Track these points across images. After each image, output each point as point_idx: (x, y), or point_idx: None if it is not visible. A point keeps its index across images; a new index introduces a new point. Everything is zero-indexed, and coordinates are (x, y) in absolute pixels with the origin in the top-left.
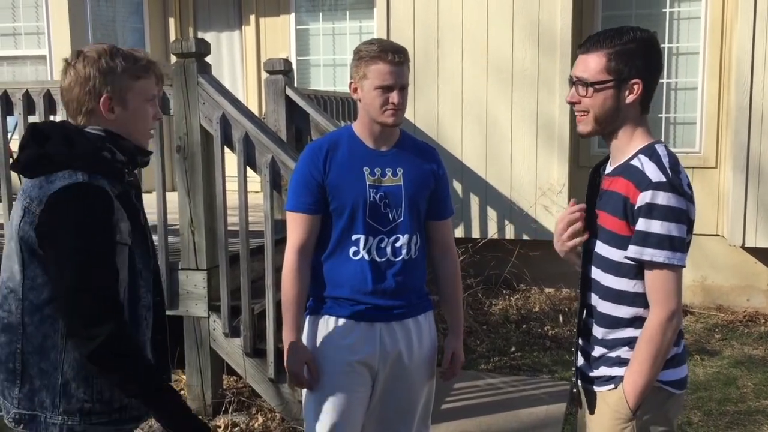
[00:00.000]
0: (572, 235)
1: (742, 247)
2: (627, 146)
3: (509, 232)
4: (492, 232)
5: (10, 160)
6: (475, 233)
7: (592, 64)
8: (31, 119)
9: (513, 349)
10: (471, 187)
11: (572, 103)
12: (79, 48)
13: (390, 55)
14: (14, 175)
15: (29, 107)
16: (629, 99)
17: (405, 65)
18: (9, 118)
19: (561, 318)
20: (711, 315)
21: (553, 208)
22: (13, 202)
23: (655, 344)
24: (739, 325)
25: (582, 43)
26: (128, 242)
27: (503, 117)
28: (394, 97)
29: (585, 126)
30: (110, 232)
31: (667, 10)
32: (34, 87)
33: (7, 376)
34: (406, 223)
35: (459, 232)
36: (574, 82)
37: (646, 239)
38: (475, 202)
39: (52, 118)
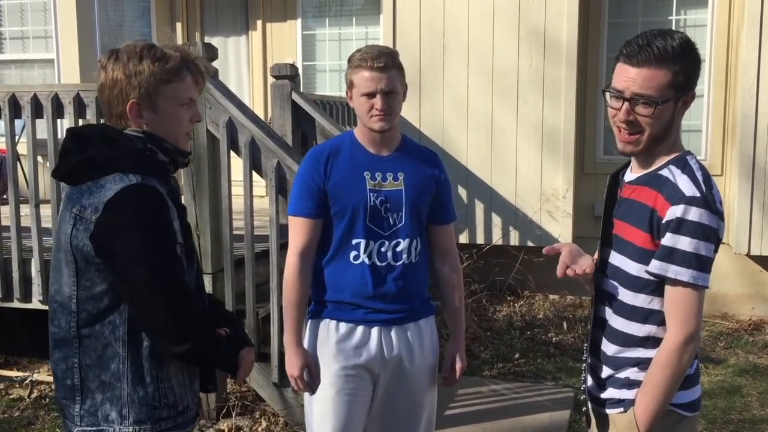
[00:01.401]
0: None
1: (748, 255)
2: (659, 157)
3: (514, 238)
4: (496, 238)
5: (18, 164)
6: (480, 239)
7: (657, 81)
8: (39, 122)
9: (517, 355)
10: (476, 193)
11: (627, 122)
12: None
13: (369, 61)
14: (21, 178)
15: (37, 111)
16: (684, 110)
17: (390, 70)
18: (17, 122)
19: (565, 325)
20: (716, 323)
21: (557, 215)
22: (61, 211)
23: (671, 368)
24: (744, 334)
25: (630, 53)
26: (181, 241)
27: (508, 123)
28: (377, 102)
29: (635, 146)
30: (171, 231)
31: (674, 17)
32: (42, 90)
33: (66, 393)
34: (406, 227)
35: (464, 238)
36: (628, 98)
37: (672, 255)
38: (479, 208)
39: (59, 122)
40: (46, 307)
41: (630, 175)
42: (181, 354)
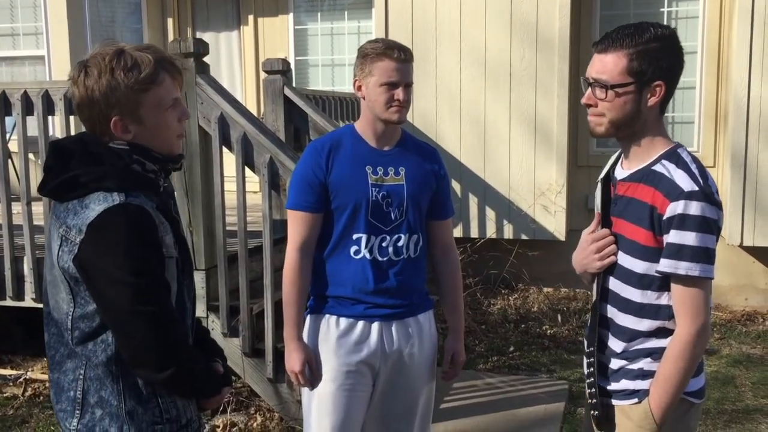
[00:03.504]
0: (606, 255)
1: (740, 246)
2: (647, 151)
3: (508, 232)
4: (491, 231)
5: (9, 162)
6: (474, 233)
7: (611, 65)
8: (30, 120)
9: (511, 348)
10: (470, 186)
11: (588, 105)
12: (82, 57)
13: (396, 52)
14: (12, 176)
15: (28, 108)
16: (651, 102)
17: (410, 63)
18: (7, 119)
19: (560, 317)
20: None
21: (551, 208)
22: (50, 227)
23: (685, 361)
24: (737, 324)
25: (598, 41)
26: (174, 254)
27: (501, 117)
28: (399, 93)
29: (599, 127)
30: (158, 252)
31: (665, 9)
32: (33, 87)
33: (67, 406)
34: (407, 222)
35: (458, 232)
36: (590, 83)
37: (681, 252)
38: (473, 201)
39: (50, 119)
40: (39, 305)
41: (622, 172)
42: (161, 381)
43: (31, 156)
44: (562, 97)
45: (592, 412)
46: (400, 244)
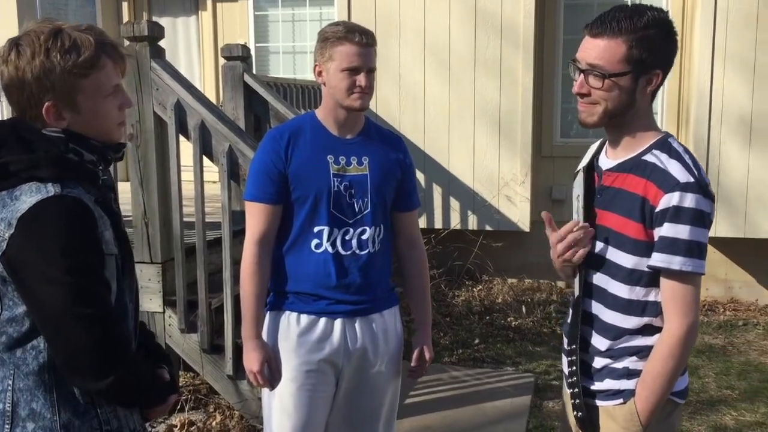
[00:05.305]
0: (576, 251)
1: None
2: (637, 140)
3: (472, 223)
4: (455, 222)
5: None
6: (438, 224)
7: (610, 52)
8: None
9: (476, 341)
10: (434, 177)
11: (581, 95)
12: (16, 35)
13: (357, 36)
14: None
15: None
16: (647, 90)
17: (372, 48)
18: None
19: (524, 309)
20: None
21: (515, 199)
22: None
23: (674, 359)
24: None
25: (592, 24)
26: (115, 251)
27: (465, 107)
28: (361, 79)
29: (591, 117)
30: (97, 248)
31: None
32: None
33: None
34: (372, 214)
35: (422, 223)
36: (583, 69)
37: (675, 246)
38: (437, 192)
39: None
40: None
41: (607, 162)
42: (99, 390)
43: None
44: (526, 86)
45: (575, 413)
46: (364, 237)
